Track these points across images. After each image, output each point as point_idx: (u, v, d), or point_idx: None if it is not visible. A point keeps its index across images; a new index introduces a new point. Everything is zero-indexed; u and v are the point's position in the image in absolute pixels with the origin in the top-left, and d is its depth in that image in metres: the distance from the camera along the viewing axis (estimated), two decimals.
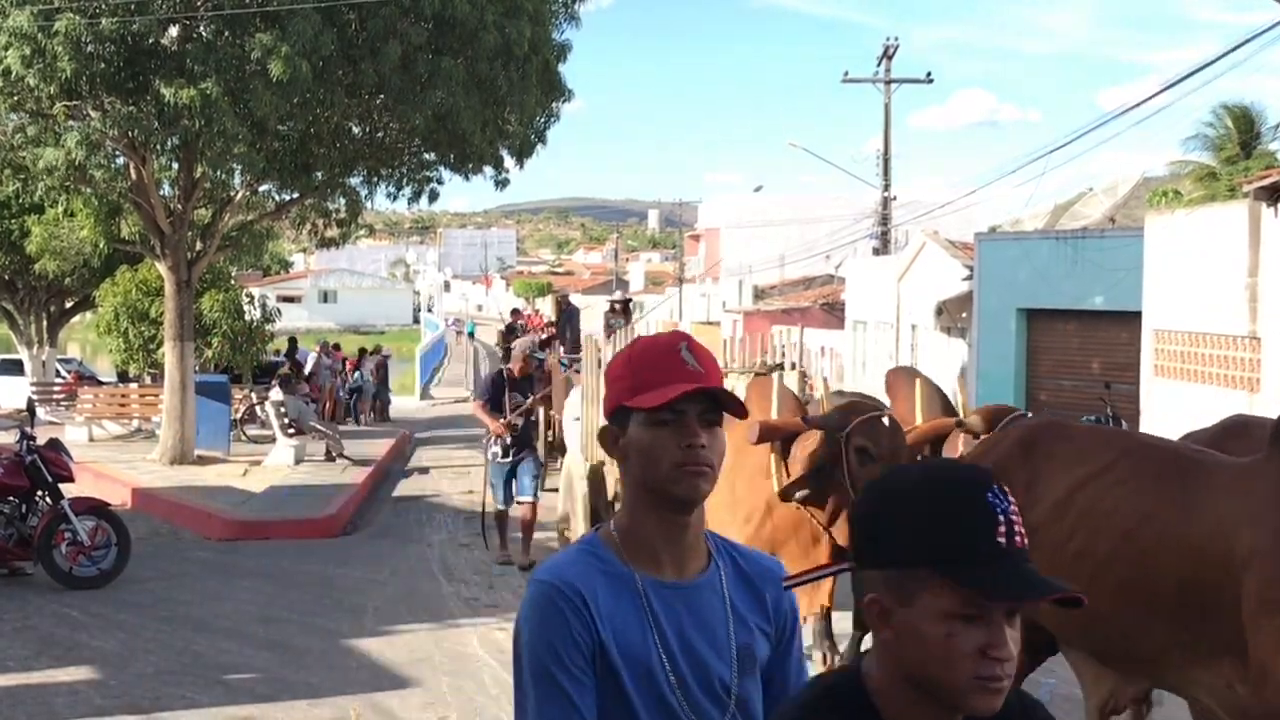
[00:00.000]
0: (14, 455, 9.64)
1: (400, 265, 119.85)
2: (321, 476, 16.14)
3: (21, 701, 6.42)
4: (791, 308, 43.00)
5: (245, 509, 13.50)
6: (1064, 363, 19.03)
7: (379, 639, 7.89)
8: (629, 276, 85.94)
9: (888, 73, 31.34)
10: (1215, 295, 12.58)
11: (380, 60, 14.22)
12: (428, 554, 11.24)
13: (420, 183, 17.88)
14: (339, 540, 12.49)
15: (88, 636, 7.84)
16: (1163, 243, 14.06)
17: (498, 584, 9.77)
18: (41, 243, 21.64)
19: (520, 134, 16.95)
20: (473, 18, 14.65)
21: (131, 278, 20.99)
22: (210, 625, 8.22)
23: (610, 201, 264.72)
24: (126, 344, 20.99)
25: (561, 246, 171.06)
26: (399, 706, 6.44)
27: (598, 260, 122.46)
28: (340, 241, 19.94)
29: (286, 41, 13.41)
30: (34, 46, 13.10)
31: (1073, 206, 26.83)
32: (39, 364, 25.00)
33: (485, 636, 7.96)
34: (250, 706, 6.38)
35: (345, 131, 16.73)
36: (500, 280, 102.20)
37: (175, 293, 16.83)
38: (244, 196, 17.57)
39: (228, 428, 18.93)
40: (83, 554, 9.37)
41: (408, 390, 35.26)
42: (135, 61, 14.21)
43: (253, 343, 21.74)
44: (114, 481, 15.31)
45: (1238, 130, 22.24)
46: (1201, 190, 21.54)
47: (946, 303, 21.79)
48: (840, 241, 38.46)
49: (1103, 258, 17.29)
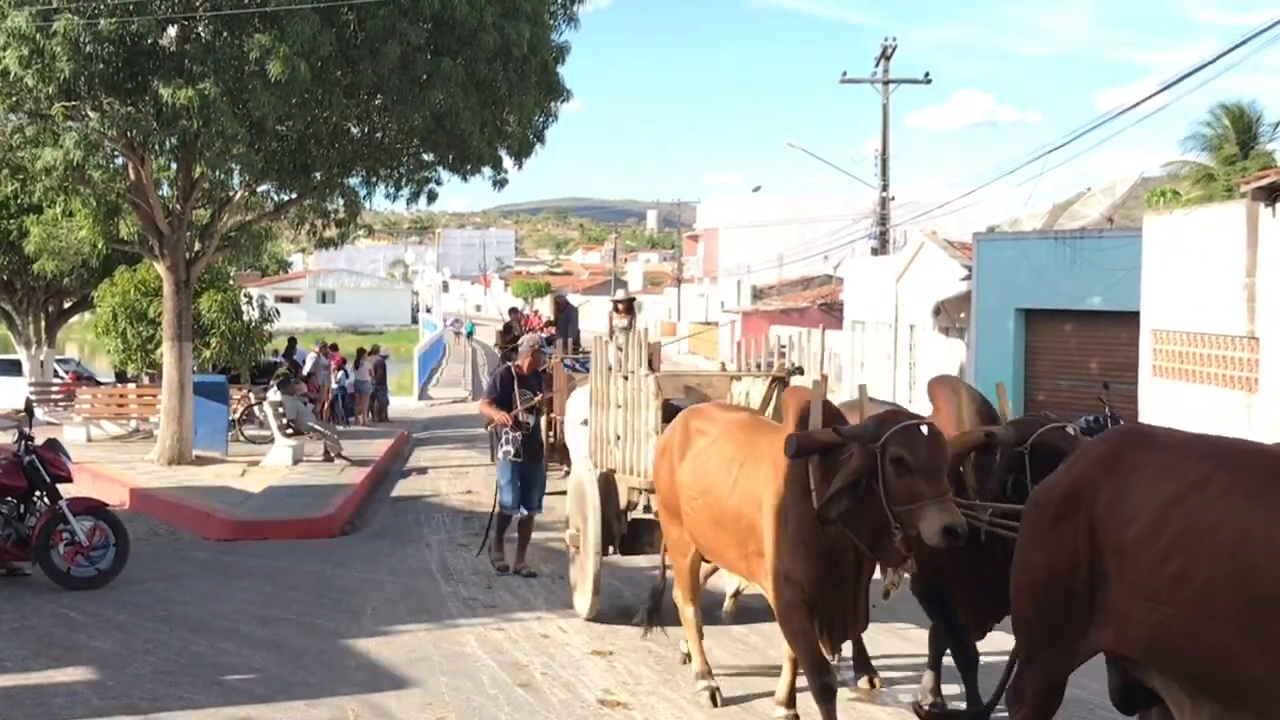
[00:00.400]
0: (12, 455, 9.62)
1: (399, 265, 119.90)
2: (320, 477, 16.14)
3: (19, 702, 6.42)
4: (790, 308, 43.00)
5: (243, 509, 13.50)
6: (1062, 363, 19.05)
7: (377, 639, 7.89)
8: (627, 277, 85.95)
9: (886, 73, 31.35)
10: (1213, 295, 12.59)
11: (379, 61, 14.22)
12: (426, 554, 11.24)
13: (419, 183, 17.89)
14: (337, 540, 12.49)
15: (85, 637, 7.83)
16: (1161, 243, 14.07)
17: (496, 584, 9.77)
18: (40, 243, 21.64)
19: (519, 134, 16.96)
20: (471, 18, 14.65)
21: (130, 278, 20.99)
22: (208, 625, 8.22)
23: (609, 202, 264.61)
24: (125, 344, 20.99)
25: (560, 247, 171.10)
26: (397, 707, 6.44)
27: (596, 261, 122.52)
28: (339, 242, 19.95)
29: (285, 42, 13.41)
30: (32, 47, 13.10)
31: (1071, 207, 26.84)
32: (37, 364, 25.00)
33: (483, 636, 7.96)
34: (248, 707, 6.37)
35: (344, 132, 16.73)
36: (499, 280, 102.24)
37: (174, 293, 16.83)
38: (243, 197, 17.58)
39: (226, 428, 18.93)
40: (81, 554, 9.35)
41: (406, 390, 35.26)
42: (134, 62, 14.21)
43: (251, 343, 21.74)
44: (112, 482, 15.31)
45: (1235, 130, 22.26)
46: (1199, 190, 21.56)
47: (945, 303, 21.81)
48: (839, 242, 38.48)
49: (1101, 258, 17.31)
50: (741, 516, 5.83)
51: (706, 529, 6.21)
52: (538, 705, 6.47)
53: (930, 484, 4.92)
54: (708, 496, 6.11)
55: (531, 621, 8.40)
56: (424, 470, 17.97)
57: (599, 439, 8.36)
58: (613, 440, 8.09)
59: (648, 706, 6.48)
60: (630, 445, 7.84)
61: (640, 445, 7.66)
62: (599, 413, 8.35)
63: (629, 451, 7.86)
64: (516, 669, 7.18)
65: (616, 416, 8.04)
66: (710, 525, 6.14)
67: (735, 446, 6.06)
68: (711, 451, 6.20)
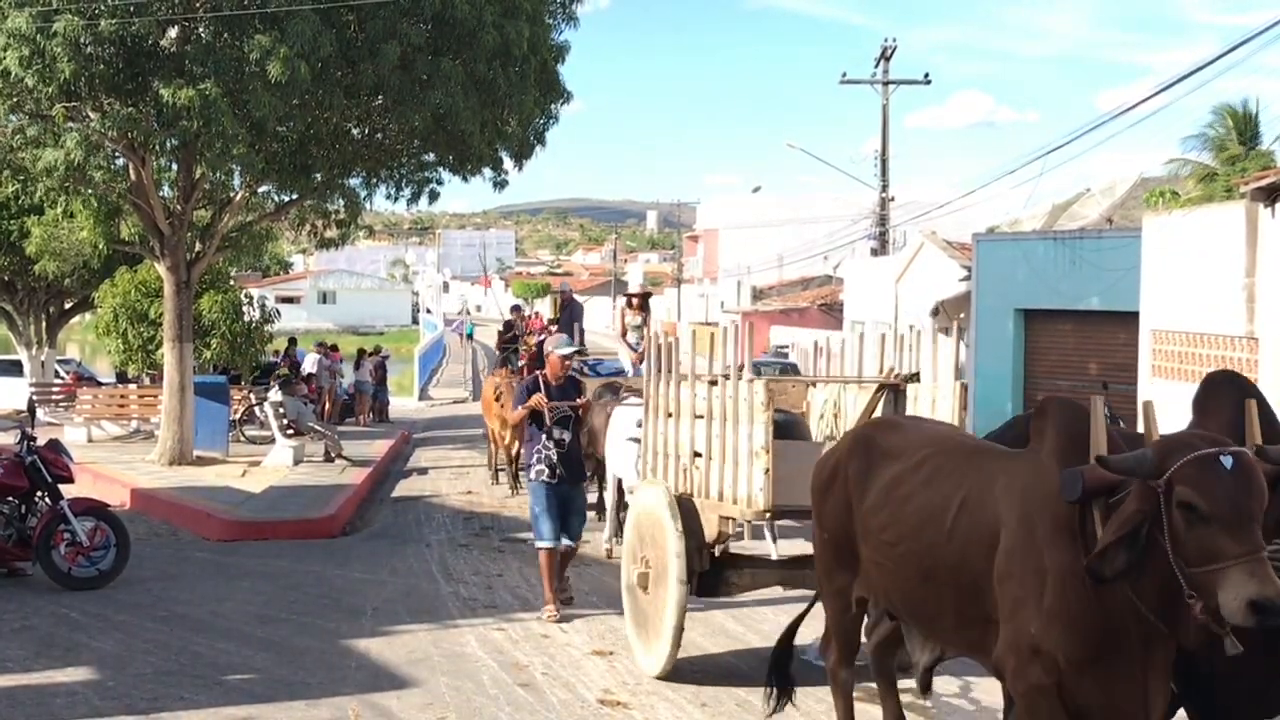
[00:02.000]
0: (14, 456, 9.64)
1: (399, 266, 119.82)
2: (320, 477, 16.15)
3: (20, 702, 6.43)
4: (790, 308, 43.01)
5: (244, 509, 13.51)
6: (1062, 363, 19.05)
7: (377, 639, 7.90)
8: (627, 277, 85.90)
9: (886, 74, 31.37)
10: (1213, 296, 12.59)
11: (379, 61, 14.23)
12: (426, 554, 11.25)
13: (419, 184, 17.91)
14: (338, 541, 12.50)
15: (86, 637, 7.85)
16: (1160, 243, 14.07)
17: (496, 584, 9.79)
18: (41, 244, 21.66)
19: (519, 135, 16.98)
20: (471, 19, 14.67)
21: (131, 279, 21.01)
22: (209, 626, 8.23)
23: (609, 202, 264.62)
24: (126, 345, 21.00)
25: (560, 247, 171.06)
26: (397, 707, 6.46)
27: (596, 261, 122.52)
28: (339, 242, 19.97)
29: (285, 43, 13.42)
30: (33, 48, 13.11)
31: (1070, 207, 26.85)
32: (38, 365, 25.02)
33: (484, 637, 7.97)
34: (249, 707, 6.39)
35: (344, 132, 16.75)
36: (499, 281, 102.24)
37: (174, 294, 16.84)
38: (243, 197, 17.59)
39: (226, 428, 18.94)
40: (82, 554, 9.37)
41: (406, 391, 35.28)
42: (134, 63, 14.23)
43: (252, 344, 21.75)
44: (113, 482, 15.33)
45: (1235, 131, 22.26)
46: (1199, 191, 21.55)
47: (944, 303, 21.82)
48: (838, 242, 38.48)
49: (1100, 258, 17.31)
50: (965, 569, 4.37)
51: (907, 585, 4.74)
52: (538, 705, 6.49)
53: (1235, 538, 3.60)
54: (913, 542, 4.62)
55: (532, 622, 8.41)
56: (424, 470, 17.98)
57: (655, 455, 7.33)
58: (687, 458, 7.03)
59: (648, 706, 6.49)
60: (724, 465, 6.65)
61: (741, 465, 6.48)
62: (657, 423, 7.31)
63: (722, 473, 6.67)
64: (517, 669, 7.19)
65: (693, 429, 6.94)
66: (915, 580, 4.67)
67: (952, 475, 4.57)
68: (914, 481, 4.71)
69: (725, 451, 6.64)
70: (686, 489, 6.99)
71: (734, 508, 6.59)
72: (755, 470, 6.33)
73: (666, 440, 7.20)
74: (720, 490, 6.69)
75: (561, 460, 8.34)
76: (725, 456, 6.63)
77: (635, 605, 7.23)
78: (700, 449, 6.87)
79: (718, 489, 6.71)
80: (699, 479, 6.89)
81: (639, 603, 7.16)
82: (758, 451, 6.31)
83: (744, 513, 6.55)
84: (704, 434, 6.81)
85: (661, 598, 6.79)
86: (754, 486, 6.35)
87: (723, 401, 6.62)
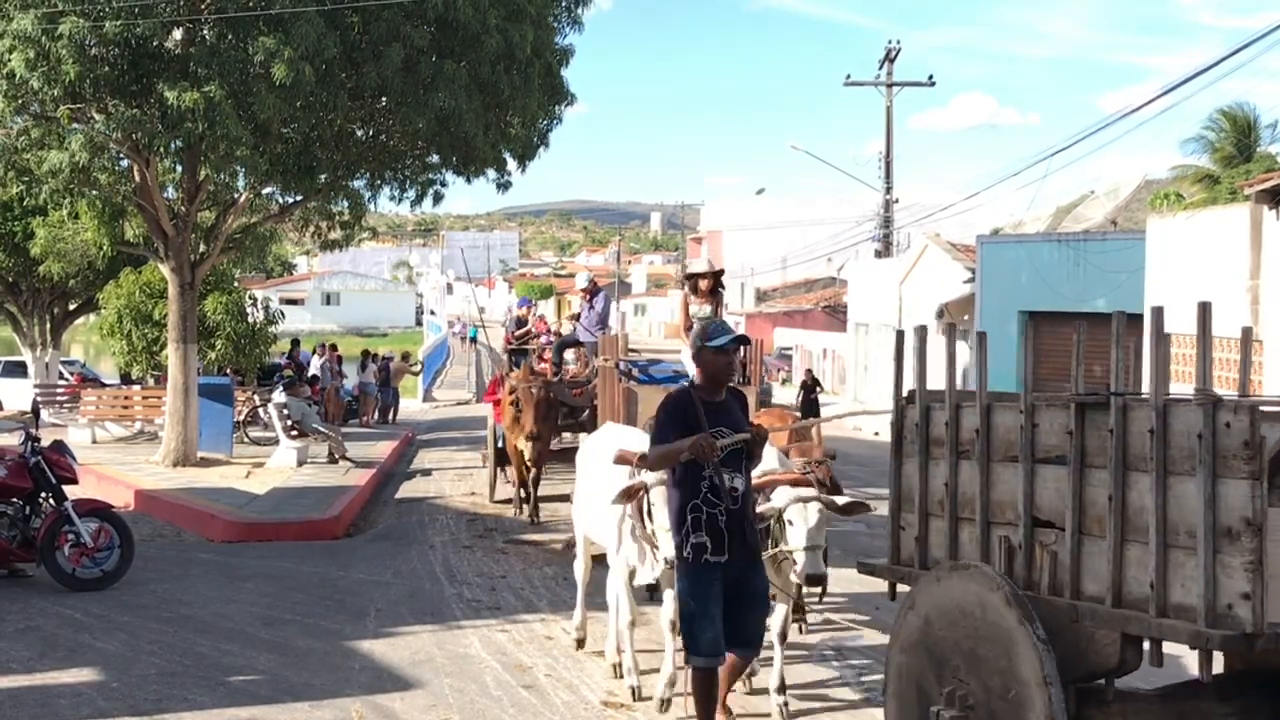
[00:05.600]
0: (18, 457, 9.66)
1: (403, 267, 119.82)
2: (324, 478, 16.17)
3: (24, 703, 6.45)
4: (794, 310, 42.96)
5: (248, 511, 13.52)
6: (1066, 365, 19.02)
7: (381, 641, 7.92)
8: (631, 279, 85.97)
9: (889, 76, 31.39)
10: (1217, 297, 12.59)
11: (383, 63, 14.25)
12: (430, 556, 11.26)
13: (423, 185, 17.90)
14: (341, 542, 12.51)
15: (90, 638, 7.86)
16: (1164, 245, 14.07)
17: (499, 586, 9.79)
18: (45, 245, 21.69)
19: (523, 137, 16.98)
20: (475, 21, 14.68)
21: (135, 280, 21.03)
22: (213, 627, 8.24)
23: (613, 204, 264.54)
24: (130, 346, 21.02)
25: (564, 249, 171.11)
26: (401, 708, 6.47)
27: (600, 263, 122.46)
28: (343, 244, 20.00)
29: (290, 45, 13.44)
30: (38, 49, 13.13)
31: (1074, 209, 26.86)
32: (42, 366, 25.07)
33: (487, 638, 7.98)
34: (252, 708, 6.40)
35: (348, 134, 16.77)
36: (503, 283, 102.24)
37: (179, 295, 16.86)
38: (247, 199, 17.61)
39: (230, 430, 18.96)
40: (85, 556, 9.38)
41: (410, 393, 35.27)
42: (139, 65, 14.25)
43: (256, 345, 21.77)
44: (117, 483, 15.34)
45: (1237, 134, 22.26)
46: (1203, 193, 21.55)
47: (948, 305, 21.83)
48: (842, 244, 38.49)
49: (1104, 260, 17.32)
50: None
51: None
52: (541, 706, 6.49)
53: None
54: None
55: (535, 623, 8.42)
56: (428, 472, 17.99)
57: (961, 521, 4.73)
58: (1018, 531, 4.44)
59: (650, 707, 6.49)
60: (1119, 547, 4.06)
61: (1180, 552, 3.88)
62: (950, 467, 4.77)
63: (1118, 559, 4.06)
64: (520, 670, 7.20)
65: (1031, 483, 4.45)
66: None
67: None
68: None
69: (1127, 525, 4.04)
70: (1026, 579, 4.36)
71: (1171, 624, 3.82)
72: (1230, 561, 3.69)
73: (972, 494, 4.56)
74: (1117, 590, 4.02)
75: (732, 525, 5.34)
76: (1124, 532, 4.03)
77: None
78: (1051, 515, 4.33)
79: (1109, 586, 4.04)
80: (1052, 566, 4.29)
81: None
82: (1238, 529, 3.67)
83: (1201, 636, 3.72)
84: (1057, 489, 4.30)
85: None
86: (1224, 590, 3.69)
87: (1123, 439, 4.12)
